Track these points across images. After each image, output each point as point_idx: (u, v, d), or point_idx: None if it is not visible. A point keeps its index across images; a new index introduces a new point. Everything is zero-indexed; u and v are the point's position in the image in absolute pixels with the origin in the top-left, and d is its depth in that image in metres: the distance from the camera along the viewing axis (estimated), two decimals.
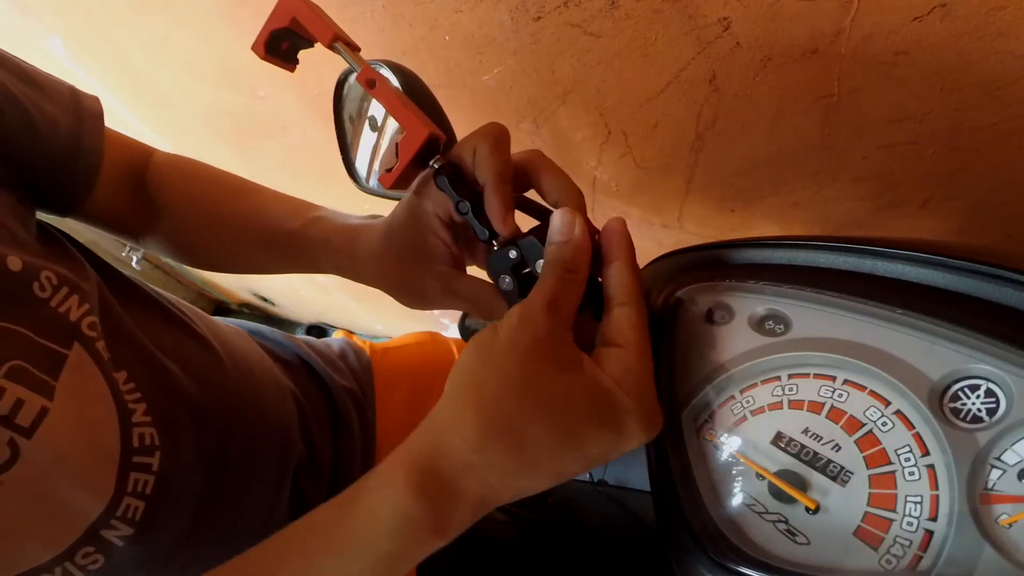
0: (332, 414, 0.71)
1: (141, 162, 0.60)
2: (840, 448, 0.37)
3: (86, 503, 0.44)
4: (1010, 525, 0.30)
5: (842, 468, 0.36)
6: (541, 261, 0.48)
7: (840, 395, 0.39)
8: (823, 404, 0.39)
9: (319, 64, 0.97)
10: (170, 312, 0.57)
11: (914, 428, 0.35)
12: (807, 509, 0.36)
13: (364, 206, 1.40)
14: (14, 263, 0.40)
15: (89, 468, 0.44)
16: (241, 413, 0.57)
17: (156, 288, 0.60)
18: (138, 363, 0.48)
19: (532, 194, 0.49)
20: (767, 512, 0.38)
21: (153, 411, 0.48)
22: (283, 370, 0.68)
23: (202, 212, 0.58)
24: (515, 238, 0.48)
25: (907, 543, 0.33)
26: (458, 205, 0.44)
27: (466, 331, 1.02)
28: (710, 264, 0.51)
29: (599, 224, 0.44)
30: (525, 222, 0.49)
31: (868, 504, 0.35)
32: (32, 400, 0.39)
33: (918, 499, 0.33)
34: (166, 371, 0.50)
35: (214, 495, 0.53)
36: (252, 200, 0.59)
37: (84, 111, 0.52)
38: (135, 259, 2.37)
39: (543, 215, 0.48)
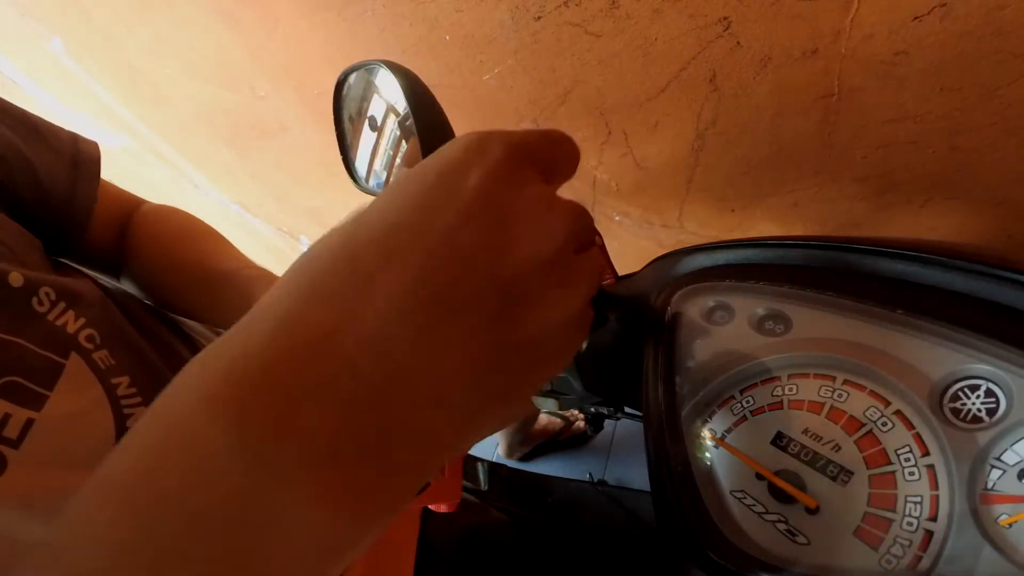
0: None
1: (129, 211, 0.64)
2: (840, 448, 0.37)
3: None
4: (1010, 525, 0.30)
5: (842, 468, 0.36)
6: None
7: (840, 395, 0.39)
8: (823, 404, 0.39)
9: (319, 64, 0.97)
10: (168, 323, 0.60)
11: (914, 428, 0.35)
12: (807, 509, 0.36)
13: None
14: (15, 279, 0.42)
15: (80, 471, 0.44)
16: None
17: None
18: (140, 370, 0.50)
19: None
20: (767, 512, 0.38)
21: None
22: None
23: (163, 254, 0.61)
24: None
25: (907, 543, 0.33)
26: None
27: None
28: (710, 264, 0.51)
29: (600, 228, 0.44)
30: None
31: (868, 504, 0.35)
32: (18, 414, 0.41)
33: (918, 499, 0.33)
34: (165, 379, 0.51)
35: None
36: (206, 244, 0.62)
37: (82, 159, 0.56)
38: None
39: None
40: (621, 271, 0.53)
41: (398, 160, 0.52)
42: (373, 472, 0.19)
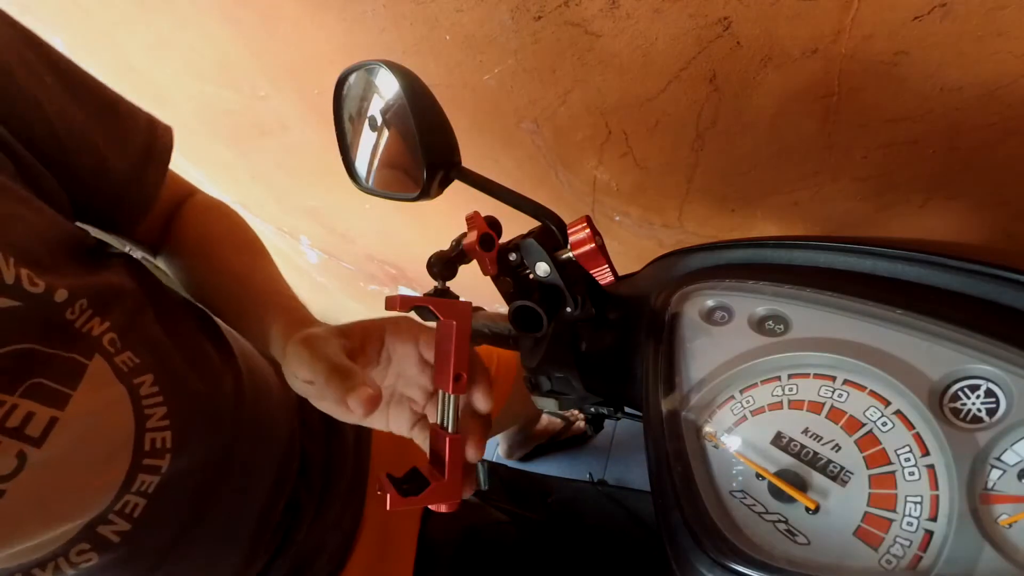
0: (325, 419, 0.70)
1: (182, 197, 0.64)
2: (840, 448, 0.37)
3: (88, 503, 0.45)
4: (1010, 525, 0.30)
5: (842, 468, 0.36)
6: (540, 263, 0.48)
7: (840, 395, 0.39)
8: (823, 404, 0.39)
9: (320, 64, 0.97)
10: (202, 321, 0.60)
11: (914, 428, 0.35)
12: (807, 509, 0.36)
13: (364, 206, 1.40)
14: (61, 295, 0.43)
15: (96, 471, 0.45)
16: (251, 423, 0.58)
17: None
18: (163, 369, 0.50)
19: (533, 192, 0.49)
20: (767, 512, 0.38)
21: (172, 415, 0.49)
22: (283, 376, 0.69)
23: (205, 252, 0.61)
24: (514, 240, 0.49)
25: (907, 543, 0.33)
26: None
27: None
28: (710, 264, 0.51)
29: (602, 226, 0.44)
30: (526, 223, 0.49)
31: (868, 504, 0.35)
32: (42, 412, 0.41)
33: (918, 499, 0.33)
34: (188, 379, 0.53)
35: (214, 496, 0.53)
36: (246, 256, 0.62)
37: (156, 149, 0.56)
38: None
39: (542, 215, 0.48)
40: (621, 271, 0.53)
41: (398, 159, 0.52)
42: None
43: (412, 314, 0.41)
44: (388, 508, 0.39)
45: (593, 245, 0.45)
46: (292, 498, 0.62)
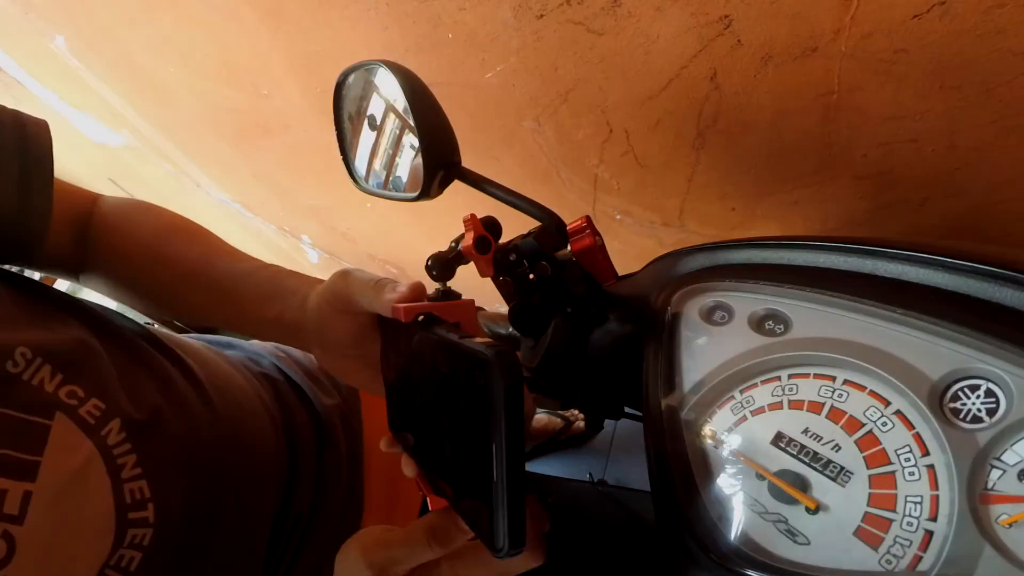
0: (317, 428, 0.68)
1: (86, 209, 0.59)
2: (840, 448, 0.37)
3: (82, 567, 0.42)
4: (1010, 525, 0.30)
5: (842, 468, 0.36)
6: (540, 264, 0.48)
7: (840, 395, 0.39)
8: (823, 404, 0.39)
9: (322, 62, 0.97)
10: (160, 349, 0.56)
11: (914, 428, 0.35)
12: (807, 509, 0.36)
13: (366, 206, 1.40)
14: None
15: (84, 536, 0.42)
16: (234, 454, 0.55)
17: (142, 321, 0.59)
18: (130, 410, 0.47)
19: (534, 190, 0.49)
20: (767, 512, 0.38)
21: (143, 462, 0.46)
22: (264, 387, 0.66)
23: (147, 253, 0.57)
24: (514, 240, 0.49)
25: (907, 543, 0.33)
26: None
27: None
28: (710, 264, 0.51)
29: (602, 221, 0.44)
30: (526, 223, 0.49)
31: (868, 504, 0.35)
32: (15, 488, 0.38)
33: (918, 499, 0.33)
34: (157, 417, 0.49)
35: (208, 538, 0.51)
36: (202, 242, 0.59)
37: (31, 159, 0.49)
38: None
39: (542, 216, 0.48)
40: (621, 271, 0.53)
41: (398, 159, 0.52)
42: None
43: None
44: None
45: (593, 245, 0.45)
46: (281, 511, 0.60)
